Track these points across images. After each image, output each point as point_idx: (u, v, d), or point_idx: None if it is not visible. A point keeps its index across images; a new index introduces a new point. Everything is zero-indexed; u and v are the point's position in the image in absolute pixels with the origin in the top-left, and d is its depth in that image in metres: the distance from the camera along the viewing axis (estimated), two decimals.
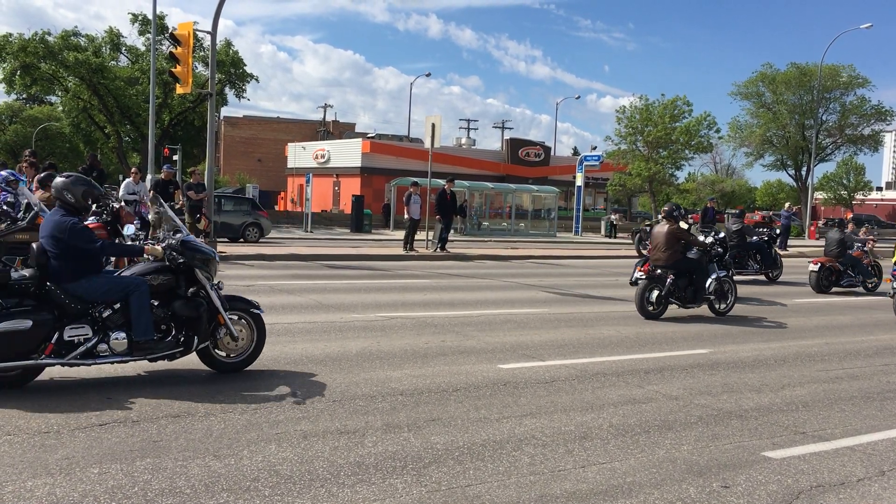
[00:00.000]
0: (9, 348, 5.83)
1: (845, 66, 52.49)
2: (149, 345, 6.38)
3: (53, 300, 6.12)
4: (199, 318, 6.61)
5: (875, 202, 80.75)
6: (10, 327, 5.79)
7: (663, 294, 11.65)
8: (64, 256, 6.20)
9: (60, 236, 6.20)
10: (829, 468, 5.36)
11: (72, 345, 6.14)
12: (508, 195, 41.95)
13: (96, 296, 6.29)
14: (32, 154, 16.89)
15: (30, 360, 5.99)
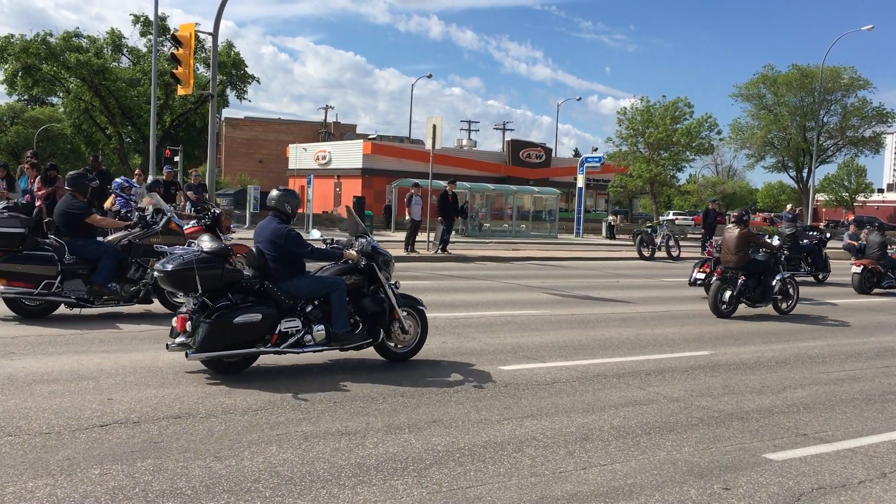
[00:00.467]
0: (242, 337, 6.76)
1: (846, 67, 52.59)
2: (345, 336, 7.34)
3: (271, 297, 7.06)
4: (382, 314, 7.57)
5: (876, 204, 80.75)
6: (245, 319, 6.73)
7: (735, 294, 12.41)
8: (280, 259, 7.16)
9: (278, 241, 7.14)
10: (831, 470, 5.36)
11: (286, 335, 7.07)
12: (509, 196, 41.96)
13: (305, 293, 7.24)
14: (34, 155, 16.94)
15: (255, 349, 6.89)
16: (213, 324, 6.59)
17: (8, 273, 8.79)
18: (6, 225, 8.82)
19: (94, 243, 9.49)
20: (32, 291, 8.92)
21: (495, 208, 44.44)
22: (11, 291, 8.89)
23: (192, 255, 6.78)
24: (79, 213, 9.42)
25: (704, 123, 43.36)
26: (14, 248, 8.86)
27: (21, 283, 8.85)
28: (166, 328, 8.98)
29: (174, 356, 7.53)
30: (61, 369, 6.86)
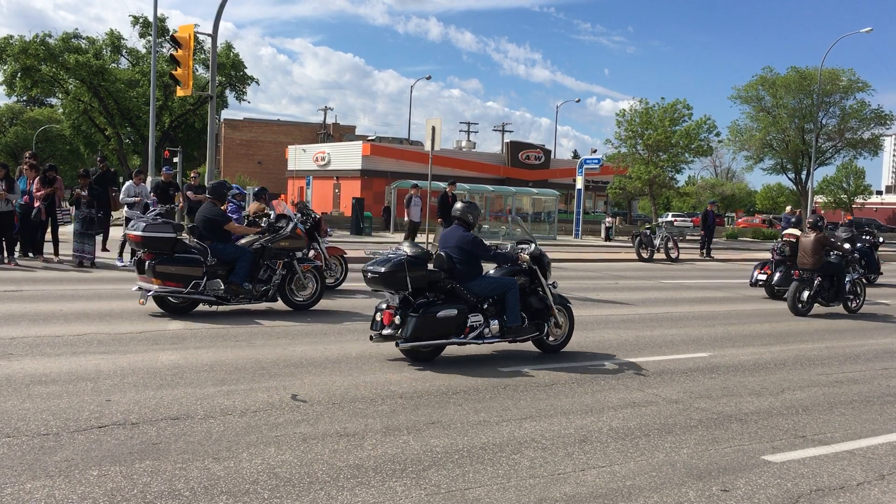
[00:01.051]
0: (442, 329, 7.82)
1: (845, 69, 52.53)
2: (517, 329, 8.31)
3: (458, 295, 8.11)
4: (545, 310, 8.60)
5: (875, 206, 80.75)
6: (445, 314, 7.81)
7: (812, 294, 13.40)
8: (465, 262, 8.19)
9: (465, 247, 8.20)
10: (829, 472, 5.36)
11: (472, 329, 8.08)
12: (509, 198, 41.98)
13: (486, 292, 8.26)
14: (33, 156, 16.93)
15: (448, 340, 7.92)
16: (420, 318, 7.68)
17: (163, 274, 9.75)
18: (161, 231, 9.88)
19: (231, 247, 10.49)
20: (182, 290, 9.89)
21: (494, 210, 44.46)
22: (165, 290, 9.85)
23: (401, 258, 7.82)
24: (220, 220, 10.50)
25: (703, 125, 43.33)
26: (166, 251, 9.87)
27: (173, 283, 9.83)
28: (164, 330, 9.00)
29: (173, 357, 7.54)
30: (59, 370, 6.86)
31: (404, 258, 7.79)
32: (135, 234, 9.93)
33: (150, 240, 9.82)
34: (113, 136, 42.12)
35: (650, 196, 45.29)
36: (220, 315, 10.20)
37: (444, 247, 8.32)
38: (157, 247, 9.83)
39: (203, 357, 7.67)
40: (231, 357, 7.74)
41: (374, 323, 8.04)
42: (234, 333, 9.01)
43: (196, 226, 10.73)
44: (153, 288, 9.76)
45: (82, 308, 10.10)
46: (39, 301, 10.55)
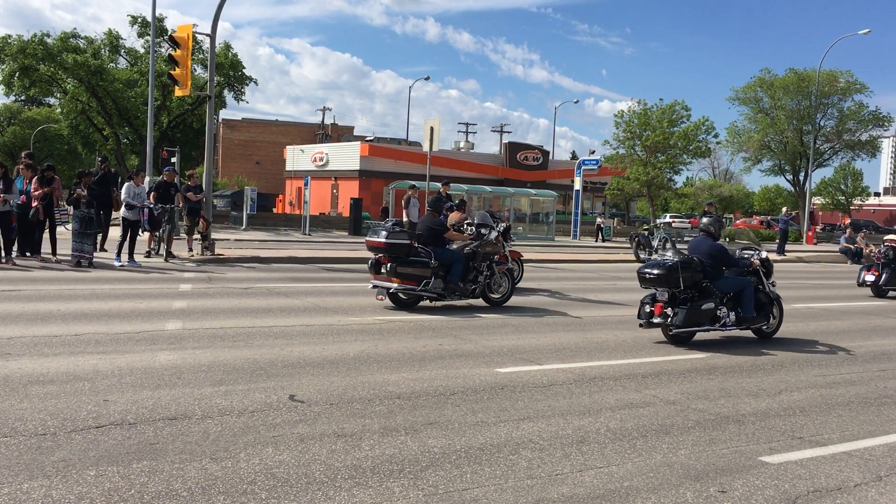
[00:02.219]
0: (703, 318, 9.76)
1: (843, 71, 52.63)
2: (751, 320, 10.19)
3: (709, 292, 9.92)
4: (769, 304, 10.65)
5: (873, 207, 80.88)
6: (706, 307, 9.74)
7: None
8: (713, 266, 10.02)
9: (714, 254, 10.06)
10: (827, 473, 5.37)
11: (719, 318, 9.91)
12: (507, 199, 41.97)
13: (729, 289, 10.10)
14: (29, 156, 16.91)
15: (704, 327, 9.80)
16: (689, 309, 9.59)
17: (402, 274, 11.43)
18: (400, 238, 11.53)
19: (449, 251, 12.08)
20: (415, 289, 11.57)
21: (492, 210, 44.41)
22: (402, 288, 11.53)
23: (675, 261, 9.65)
24: (440, 229, 12.31)
25: (701, 126, 43.45)
26: (403, 255, 11.51)
27: (409, 281, 11.52)
28: (162, 330, 8.99)
29: (171, 357, 7.53)
30: (57, 370, 6.85)
31: (678, 262, 9.68)
32: (378, 241, 11.50)
33: (392, 245, 11.41)
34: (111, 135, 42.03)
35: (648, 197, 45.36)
36: (220, 315, 10.19)
37: (695, 253, 10.13)
38: (396, 251, 11.44)
39: (201, 357, 7.66)
40: (229, 357, 7.73)
41: (642, 313, 9.86)
42: (232, 334, 9.01)
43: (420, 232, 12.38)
44: (392, 286, 11.47)
45: (80, 308, 10.09)
46: (37, 301, 10.54)
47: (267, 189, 61.30)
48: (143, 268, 15.33)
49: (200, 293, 12.43)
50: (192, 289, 12.90)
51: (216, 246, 19.15)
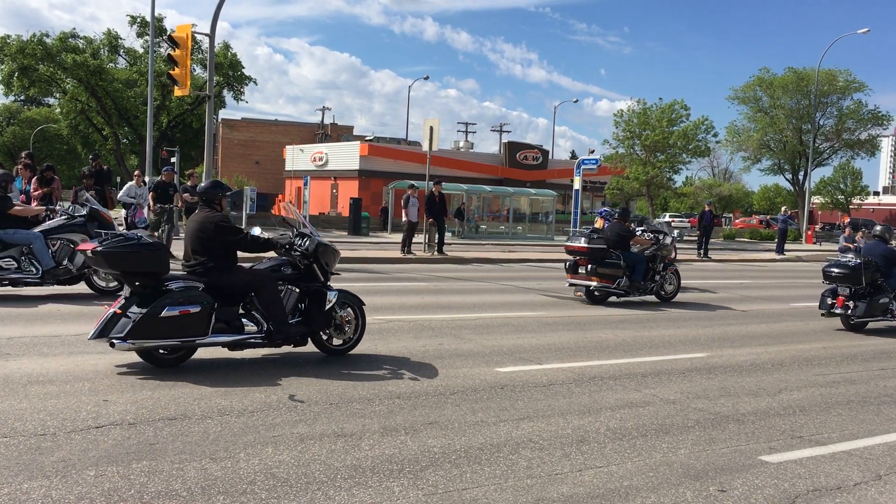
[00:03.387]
0: (878, 311, 11.77)
1: (842, 70, 52.63)
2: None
3: (882, 288, 11.83)
4: None
5: (872, 207, 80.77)
6: (882, 300, 11.82)
7: None
8: (887, 267, 11.81)
9: (889, 256, 11.76)
10: (826, 472, 5.37)
11: (889, 311, 12.00)
12: (506, 198, 41.97)
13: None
14: (28, 156, 16.90)
15: (876, 318, 11.86)
16: (869, 303, 11.64)
17: (601, 274, 13.25)
18: (597, 243, 13.27)
19: (634, 255, 13.63)
20: (610, 286, 13.33)
21: (492, 210, 44.47)
22: (599, 286, 13.35)
23: (858, 262, 11.42)
24: (628, 235, 13.77)
25: (701, 126, 43.42)
26: (600, 258, 13.23)
27: (605, 280, 13.31)
28: None
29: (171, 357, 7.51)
30: (57, 370, 6.85)
31: (861, 263, 11.49)
32: (580, 246, 13.42)
33: (592, 250, 13.25)
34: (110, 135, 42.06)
35: (647, 197, 45.36)
36: None
37: (871, 255, 11.79)
38: (595, 255, 13.24)
39: (200, 357, 7.65)
40: (228, 356, 7.73)
41: (823, 305, 11.81)
42: None
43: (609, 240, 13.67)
44: (592, 284, 13.33)
45: (80, 308, 10.08)
46: (37, 301, 10.53)
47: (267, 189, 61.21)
48: None
49: None
50: None
51: None
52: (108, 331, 6.70)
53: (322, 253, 7.90)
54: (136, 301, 6.72)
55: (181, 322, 6.72)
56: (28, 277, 10.64)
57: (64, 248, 10.92)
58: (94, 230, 10.61)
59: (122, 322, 6.65)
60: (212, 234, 7.22)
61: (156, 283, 6.87)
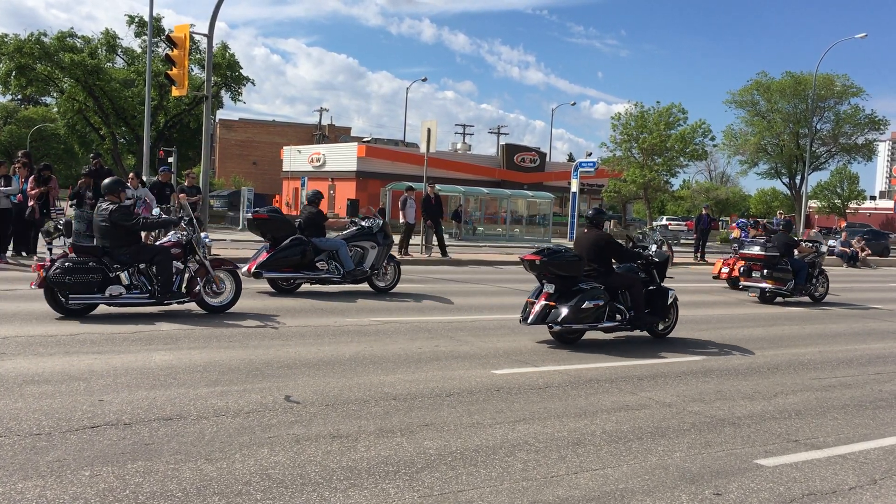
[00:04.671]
0: None
1: (840, 75, 52.64)
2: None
3: None
4: None
5: (868, 211, 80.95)
6: None
7: None
8: None
9: None
10: (822, 476, 5.37)
11: None
12: (504, 201, 42.00)
13: None
14: (25, 155, 16.85)
15: None
16: None
17: (775, 278, 15.31)
18: (772, 251, 15.27)
19: (799, 261, 15.55)
20: (781, 289, 15.28)
21: (489, 212, 44.47)
22: (773, 289, 15.34)
23: None
24: (794, 244, 15.68)
25: (698, 129, 43.48)
26: (773, 264, 15.34)
27: (777, 283, 15.29)
28: (157, 330, 8.97)
29: (166, 357, 7.51)
30: (52, 370, 6.83)
31: None
32: (756, 253, 15.50)
33: (769, 257, 15.29)
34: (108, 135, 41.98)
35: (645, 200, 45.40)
36: (216, 315, 10.17)
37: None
38: (770, 261, 15.31)
39: (196, 357, 7.65)
40: (224, 358, 7.72)
41: None
42: (228, 334, 8.99)
43: None
44: (768, 286, 15.36)
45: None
46: (32, 300, 10.50)
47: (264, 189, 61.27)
48: None
49: None
50: None
51: (212, 247, 19.11)
52: (546, 318, 9.20)
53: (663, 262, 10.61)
54: (559, 296, 9.29)
55: (594, 312, 9.30)
56: (333, 277, 12.77)
57: (357, 253, 13.20)
58: (382, 238, 13.39)
59: (555, 312, 9.17)
60: (603, 245, 9.79)
61: (573, 283, 9.34)
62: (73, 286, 9.13)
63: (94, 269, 9.28)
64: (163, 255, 9.84)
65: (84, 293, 9.24)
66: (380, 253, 13.33)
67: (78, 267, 9.16)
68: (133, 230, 9.79)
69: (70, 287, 9.13)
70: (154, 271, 9.77)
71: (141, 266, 9.74)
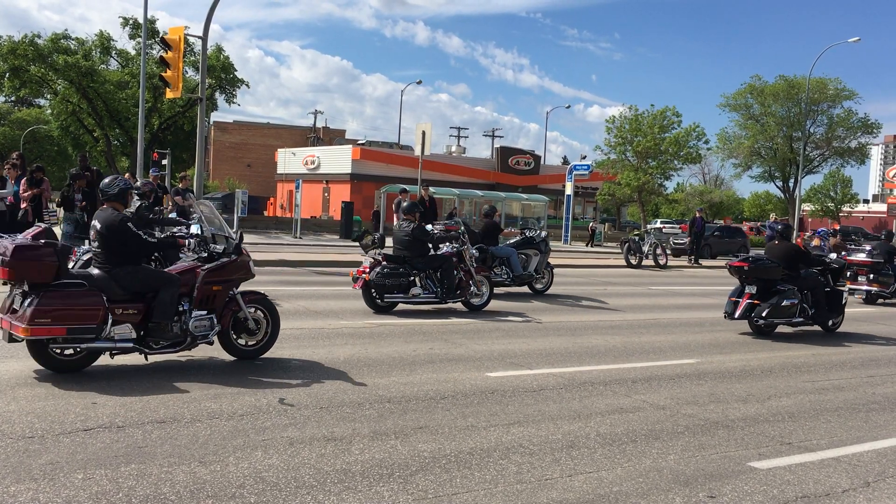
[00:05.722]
0: None
1: (833, 78, 52.94)
2: None
3: None
4: None
5: (861, 214, 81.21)
6: None
7: None
8: None
9: None
10: (815, 479, 5.39)
11: None
12: (498, 203, 42.02)
13: None
14: (17, 157, 16.78)
15: None
16: None
17: (880, 282, 16.90)
18: (878, 258, 16.76)
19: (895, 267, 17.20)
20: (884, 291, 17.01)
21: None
22: (878, 291, 17.04)
23: None
24: (894, 252, 17.17)
25: (692, 132, 43.57)
26: (879, 269, 16.94)
27: (881, 286, 16.87)
28: None
29: (160, 360, 7.49)
30: (45, 372, 6.80)
31: None
32: (863, 260, 16.92)
33: (875, 264, 16.72)
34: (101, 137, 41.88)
35: (639, 202, 45.47)
36: None
37: None
38: (876, 267, 16.82)
39: (190, 360, 7.63)
40: (218, 360, 7.70)
41: None
42: None
43: None
44: (872, 290, 16.90)
45: None
46: None
47: (258, 192, 61.21)
48: None
49: None
50: None
51: None
52: (752, 314, 11.16)
53: None
54: (760, 296, 11.15)
55: (790, 309, 11.11)
56: (505, 280, 14.38)
57: (522, 259, 14.79)
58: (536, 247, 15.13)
59: (758, 309, 11.11)
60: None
61: (772, 285, 11.12)
62: (388, 288, 11.37)
63: (403, 273, 11.46)
64: (448, 262, 11.89)
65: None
66: (541, 259, 15.15)
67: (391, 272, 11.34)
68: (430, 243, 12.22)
69: (386, 289, 11.35)
70: (439, 276, 11.81)
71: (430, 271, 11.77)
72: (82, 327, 6.48)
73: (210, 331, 7.30)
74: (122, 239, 6.90)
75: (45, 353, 6.66)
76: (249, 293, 7.83)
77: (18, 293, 6.54)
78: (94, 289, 6.62)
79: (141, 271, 7.04)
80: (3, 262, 6.37)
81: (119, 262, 6.92)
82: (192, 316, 7.14)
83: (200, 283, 7.24)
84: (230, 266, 7.51)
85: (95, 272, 6.90)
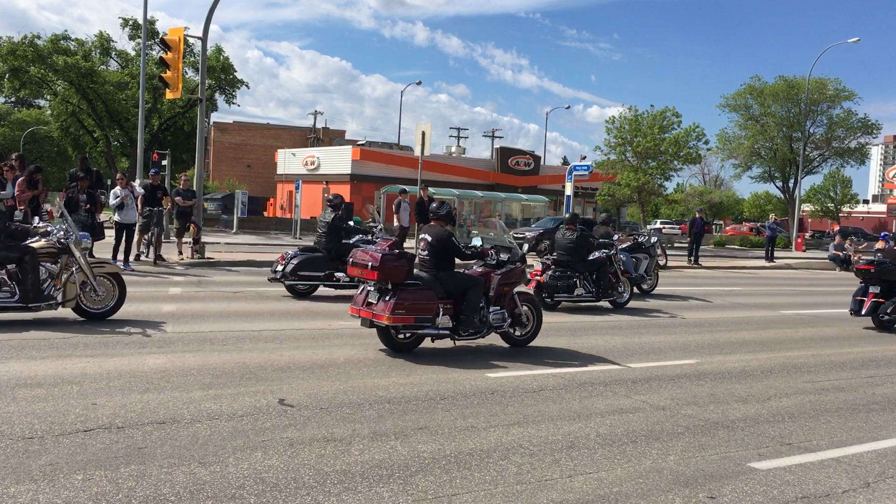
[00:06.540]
0: None
1: (832, 79, 52.89)
2: None
3: None
4: None
5: (861, 215, 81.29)
6: None
7: None
8: None
9: None
10: (815, 479, 5.38)
11: None
12: (498, 204, 42.07)
13: None
14: (16, 158, 16.78)
15: None
16: None
17: None
18: None
19: None
20: None
21: (484, 215, 44.45)
22: None
23: None
24: None
25: (692, 133, 43.55)
26: None
27: None
28: (151, 333, 8.94)
29: (160, 361, 7.49)
30: (45, 373, 6.81)
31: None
32: None
33: None
34: (101, 138, 41.92)
35: (639, 203, 45.45)
36: (209, 318, 10.15)
37: None
38: None
39: (190, 361, 7.63)
40: (218, 361, 7.71)
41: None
42: (222, 338, 8.97)
43: None
44: None
45: (68, 311, 10.01)
46: None
47: (258, 192, 61.17)
48: (133, 271, 15.26)
49: (190, 296, 12.39)
50: (181, 292, 12.86)
51: (206, 249, 19.09)
52: (877, 311, 12.66)
53: None
54: (884, 295, 12.55)
55: None
56: None
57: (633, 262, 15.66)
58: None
59: (883, 307, 12.63)
60: None
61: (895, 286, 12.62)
62: (558, 288, 12.42)
63: (569, 276, 12.98)
64: (604, 266, 13.50)
65: None
66: (650, 263, 16.40)
67: None
68: None
69: (557, 289, 12.28)
70: (594, 278, 13.39)
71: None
72: (424, 318, 8.27)
73: (503, 322, 8.98)
74: (448, 249, 8.69)
75: (390, 337, 8.58)
76: (521, 293, 9.54)
77: (373, 290, 8.31)
78: (427, 288, 8.35)
79: (457, 275, 8.77)
80: (372, 267, 8.15)
81: (444, 268, 8.69)
82: (490, 311, 8.88)
83: (496, 285, 9.01)
84: (514, 272, 9.31)
85: (424, 275, 8.63)
